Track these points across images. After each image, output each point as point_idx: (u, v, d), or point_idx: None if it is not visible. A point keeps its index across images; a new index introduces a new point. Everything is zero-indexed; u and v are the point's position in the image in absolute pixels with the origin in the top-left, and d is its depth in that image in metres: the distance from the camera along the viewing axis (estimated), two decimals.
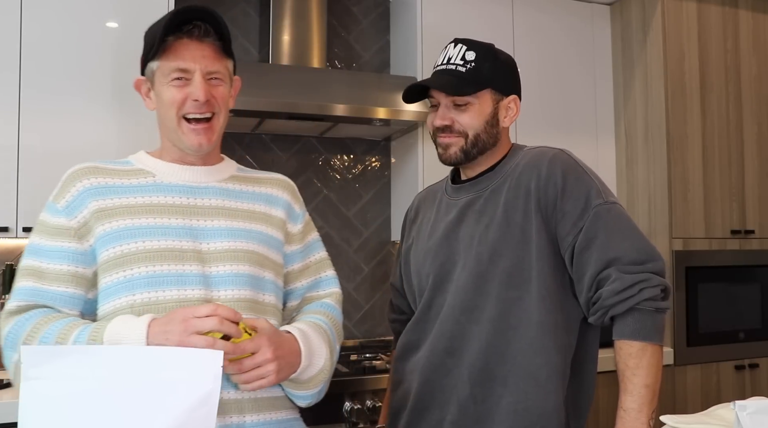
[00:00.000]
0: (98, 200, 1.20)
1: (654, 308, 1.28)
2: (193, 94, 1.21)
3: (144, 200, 1.22)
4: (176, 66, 1.21)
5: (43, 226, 1.22)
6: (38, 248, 1.20)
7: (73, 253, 1.18)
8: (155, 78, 1.24)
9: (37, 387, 0.98)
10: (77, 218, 1.20)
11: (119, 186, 1.23)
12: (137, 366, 1.00)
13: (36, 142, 2.18)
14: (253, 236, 1.27)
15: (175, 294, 1.16)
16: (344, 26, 2.99)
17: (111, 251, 1.17)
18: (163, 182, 1.26)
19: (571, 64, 2.97)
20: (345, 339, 2.82)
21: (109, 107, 2.26)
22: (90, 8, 2.26)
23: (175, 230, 1.20)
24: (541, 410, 1.32)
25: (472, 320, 1.38)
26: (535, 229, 1.35)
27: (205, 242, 1.22)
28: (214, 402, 1.00)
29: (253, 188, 1.34)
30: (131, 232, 1.18)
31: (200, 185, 1.28)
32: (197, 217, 1.23)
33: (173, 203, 1.23)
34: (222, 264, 1.21)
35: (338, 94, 2.49)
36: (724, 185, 2.87)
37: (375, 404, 2.21)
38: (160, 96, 1.24)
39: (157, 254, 1.17)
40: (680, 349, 2.71)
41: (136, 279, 1.15)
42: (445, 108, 1.43)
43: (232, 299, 1.20)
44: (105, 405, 0.98)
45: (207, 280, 1.19)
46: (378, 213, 2.99)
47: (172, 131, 1.25)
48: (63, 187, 1.23)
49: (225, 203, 1.28)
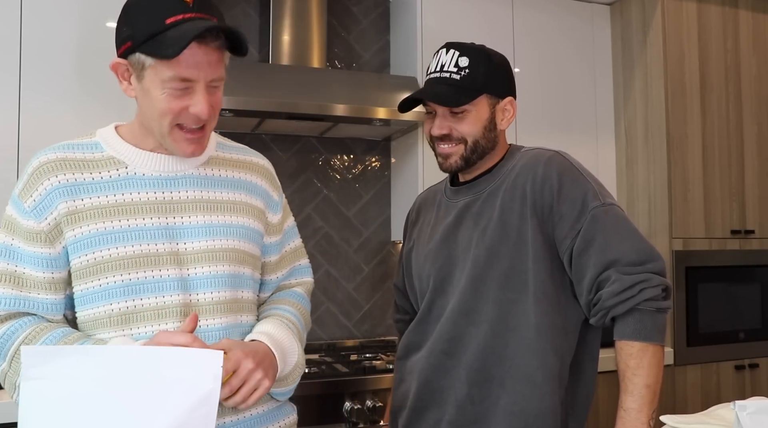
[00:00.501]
0: (67, 201, 1.13)
1: (655, 308, 1.28)
2: (196, 109, 1.11)
3: (116, 198, 1.14)
4: (178, 75, 1.08)
5: (14, 226, 1.14)
6: (11, 250, 1.13)
7: (48, 259, 1.13)
8: (144, 73, 1.10)
9: (37, 387, 0.98)
10: (47, 221, 1.13)
11: (89, 183, 1.14)
12: (137, 366, 1.00)
13: (36, 142, 2.18)
14: (232, 231, 1.21)
15: (153, 302, 1.13)
16: (344, 26, 2.99)
17: (83, 259, 1.12)
18: (136, 175, 1.17)
19: (571, 64, 2.97)
20: (345, 339, 2.83)
21: (109, 106, 2.26)
22: (90, 8, 2.26)
23: (150, 231, 1.14)
24: (537, 411, 1.32)
25: (470, 322, 1.38)
26: (530, 232, 1.35)
27: (182, 242, 1.16)
28: (214, 402, 0.99)
29: (232, 173, 1.26)
30: (103, 238, 1.12)
31: (177, 175, 1.19)
32: (173, 214, 1.17)
33: (147, 200, 1.16)
34: (200, 265, 1.17)
35: (338, 94, 2.49)
36: (724, 185, 2.87)
37: (375, 404, 2.20)
38: (150, 96, 1.11)
39: (132, 260, 1.12)
40: (680, 349, 2.71)
41: (111, 288, 1.12)
42: (442, 117, 1.42)
43: (212, 301, 1.17)
44: (105, 405, 0.98)
45: (185, 283, 1.15)
46: (378, 213, 2.99)
47: (162, 135, 1.15)
48: (30, 183, 1.14)
49: (203, 195, 1.20)
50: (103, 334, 1.13)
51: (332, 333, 2.81)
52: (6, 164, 2.15)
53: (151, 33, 1.07)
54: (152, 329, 1.12)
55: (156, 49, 1.06)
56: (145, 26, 1.07)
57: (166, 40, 1.05)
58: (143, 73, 1.10)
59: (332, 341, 2.79)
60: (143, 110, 1.15)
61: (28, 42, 2.19)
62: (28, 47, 2.19)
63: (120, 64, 1.13)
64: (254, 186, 1.29)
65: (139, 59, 1.10)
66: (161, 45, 1.06)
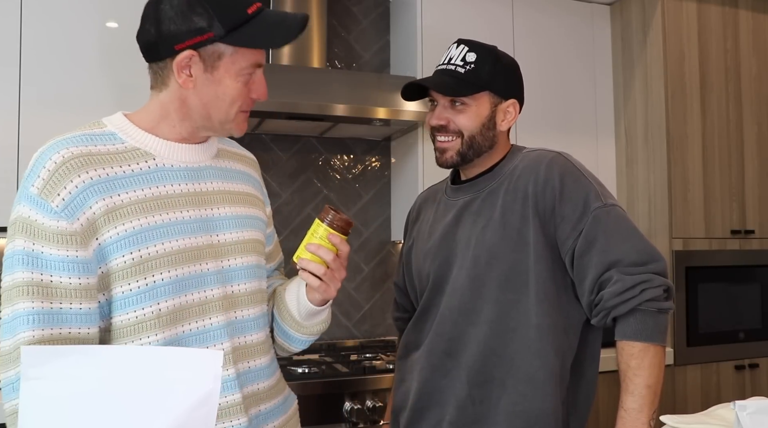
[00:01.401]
0: (105, 198, 1.04)
1: (656, 308, 1.28)
2: (260, 92, 1.14)
3: (152, 191, 1.09)
4: (256, 61, 1.10)
5: (36, 229, 1.01)
6: (35, 256, 1.00)
7: (81, 263, 1.02)
8: (220, 63, 1.08)
9: (37, 387, 0.98)
10: (80, 221, 1.02)
11: (122, 177, 1.07)
12: (137, 366, 1.00)
13: (36, 141, 2.17)
14: (252, 222, 1.23)
15: (197, 297, 1.11)
16: (344, 26, 2.99)
17: (127, 257, 1.05)
18: (165, 166, 1.12)
19: (571, 64, 2.97)
20: (345, 339, 2.83)
21: (109, 106, 2.26)
22: (90, 8, 2.26)
23: (189, 225, 1.11)
24: (539, 411, 1.32)
25: (470, 322, 1.39)
26: (532, 232, 1.35)
27: (216, 234, 1.16)
28: (214, 402, 0.99)
29: (236, 165, 1.27)
30: (149, 234, 1.06)
31: (200, 165, 1.17)
32: (206, 206, 1.15)
33: (182, 192, 1.12)
34: (233, 257, 1.17)
35: (338, 94, 2.49)
36: (724, 185, 2.87)
37: (375, 404, 2.21)
38: (221, 85, 1.10)
39: (178, 256, 1.09)
40: (680, 349, 2.71)
41: (159, 286, 1.06)
42: (442, 108, 1.44)
43: (246, 292, 1.19)
44: (105, 405, 0.98)
45: (223, 276, 1.15)
46: (378, 213, 2.99)
47: (224, 121, 1.13)
48: (54, 180, 1.02)
49: (224, 186, 1.20)
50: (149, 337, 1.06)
51: (332, 333, 2.81)
52: (6, 164, 2.15)
53: (235, 24, 1.06)
54: (197, 325, 1.11)
55: (249, 39, 1.08)
56: (230, 16, 1.07)
57: (260, 30, 1.08)
58: (218, 63, 1.09)
59: (332, 341, 2.79)
60: (205, 98, 1.11)
61: (28, 42, 2.19)
62: (28, 47, 2.19)
63: (192, 56, 1.08)
64: (253, 179, 1.31)
65: (216, 50, 1.08)
66: (255, 35, 1.08)
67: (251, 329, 1.20)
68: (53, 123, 2.20)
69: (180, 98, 1.11)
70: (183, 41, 1.06)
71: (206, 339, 1.12)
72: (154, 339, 1.07)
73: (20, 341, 0.99)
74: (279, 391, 1.26)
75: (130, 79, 2.23)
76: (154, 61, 1.12)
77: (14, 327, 1.00)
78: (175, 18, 1.06)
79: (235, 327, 1.16)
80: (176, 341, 1.09)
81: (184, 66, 1.08)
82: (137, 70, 1.30)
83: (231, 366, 1.13)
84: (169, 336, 1.08)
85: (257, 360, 1.20)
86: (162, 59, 1.10)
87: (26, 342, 0.99)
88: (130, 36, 1.15)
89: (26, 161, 1.10)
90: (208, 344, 1.12)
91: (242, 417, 1.14)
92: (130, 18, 2.34)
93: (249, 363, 1.18)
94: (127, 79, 2.24)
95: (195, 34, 1.06)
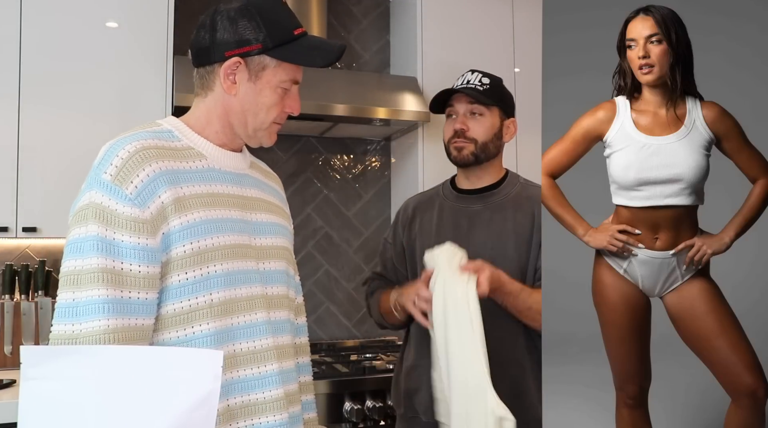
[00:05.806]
0: (173, 188, 1.09)
1: None
2: (294, 107, 1.24)
3: (209, 188, 1.15)
4: (295, 78, 1.21)
5: (109, 215, 1.03)
6: (110, 243, 1.02)
7: (151, 251, 1.05)
8: (263, 73, 1.18)
9: (36, 387, 0.98)
10: (150, 209, 1.05)
11: (185, 172, 1.13)
12: (137, 366, 1.00)
13: (36, 142, 2.18)
14: (283, 231, 1.31)
15: (245, 292, 1.16)
16: (344, 26, 2.99)
17: (188, 247, 1.09)
18: (214, 168, 1.19)
19: None
20: (345, 339, 2.83)
21: (109, 106, 2.26)
22: (90, 8, 2.26)
23: (237, 224, 1.18)
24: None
25: None
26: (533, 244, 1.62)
27: (255, 237, 1.22)
28: (214, 402, 0.99)
29: (266, 179, 1.34)
30: (208, 226, 1.12)
31: (241, 172, 1.24)
32: (248, 210, 1.22)
33: (229, 194, 1.19)
34: (269, 261, 1.23)
35: (338, 94, 2.49)
36: None
37: (375, 404, 2.21)
38: (261, 94, 1.19)
39: (231, 250, 1.15)
40: None
41: (213, 277, 1.11)
42: (463, 116, 1.70)
43: (279, 295, 1.24)
44: (105, 405, 0.98)
45: (262, 276, 1.21)
46: (378, 213, 2.99)
47: (257, 128, 1.21)
48: (127, 168, 1.06)
49: (261, 194, 1.27)
50: (201, 326, 1.10)
51: (332, 333, 2.81)
52: (6, 164, 2.15)
53: (284, 40, 1.17)
54: (245, 319, 1.16)
55: (293, 55, 1.18)
56: (279, 33, 1.17)
57: (303, 50, 1.19)
58: (261, 73, 1.18)
59: (332, 341, 2.79)
60: (245, 105, 1.19)
61: (28, 42, 2.19)
62: (28, 47, 2.19)
63: (239, 63, 1.17)
64: (280, 195, 1.39)
65: (261, 61, 1.17)
66: (298, 53, 1.19)
67: (283, 331, 1.24)
68: (53, 124, 2.20)
69: (222, 104, 1.20)
70: (233, 49, 1.16)
71: (253, 333, 1.16)
72: (206, 328, 1.10)
73: (95, 328, 1.00)
74: (299, 400, 1.28)
75: (130, 79, 2.24)
76: (203, 65, 1.20)
77: (93, 311, 1.00)
78: (230, 28, 1.16)
79: (275, 326, 1.21)
80: (227, 332, 1.12)
81: (231, 72, 1.17)
82: (137, 71, 1.30)
83: (275, 362, 1.18)
84: (220, 327, 1.12)
85: (289, 361, 1.24)
86: (211, 64, 1.18)
87: (101, 331, 1.00)
88: (130, 36, 1.16)
89: (26, 161, 1.10)
90: (255, 338, 1.17)
91: (284, 413, 1.18)
92: (130, 18, 2.35)
93: (283, 364, 1.21)
94: (127, 79, 2.24)
95: (246, 43, 1.16)
